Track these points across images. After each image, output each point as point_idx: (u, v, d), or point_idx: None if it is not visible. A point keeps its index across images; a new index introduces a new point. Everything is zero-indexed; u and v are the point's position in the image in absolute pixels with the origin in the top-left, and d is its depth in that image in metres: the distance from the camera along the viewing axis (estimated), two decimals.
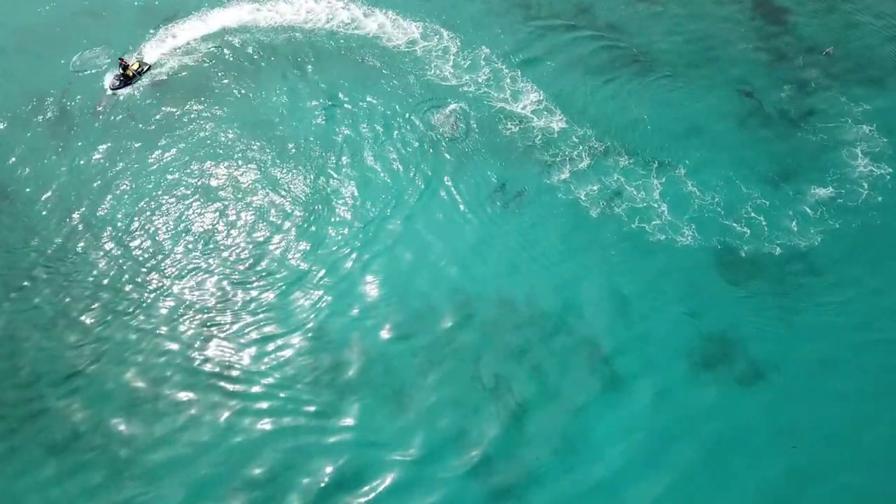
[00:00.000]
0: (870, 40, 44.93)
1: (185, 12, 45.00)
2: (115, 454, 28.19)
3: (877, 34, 45.09)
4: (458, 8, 45.66)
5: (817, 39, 44.67)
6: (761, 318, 32.46)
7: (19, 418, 28.96)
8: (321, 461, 28.28)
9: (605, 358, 31.12)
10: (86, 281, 32.68)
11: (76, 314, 31.65)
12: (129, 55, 41.56)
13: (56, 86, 40.41)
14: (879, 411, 30.00)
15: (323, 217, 35.32)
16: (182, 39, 43.46)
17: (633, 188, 36.51)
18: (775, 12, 46.49)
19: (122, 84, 40.16)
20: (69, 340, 30.86)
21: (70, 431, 28.61)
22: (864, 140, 38.93)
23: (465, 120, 39.41)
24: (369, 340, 31.47)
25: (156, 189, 36.20)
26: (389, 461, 28.27)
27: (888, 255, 34.67)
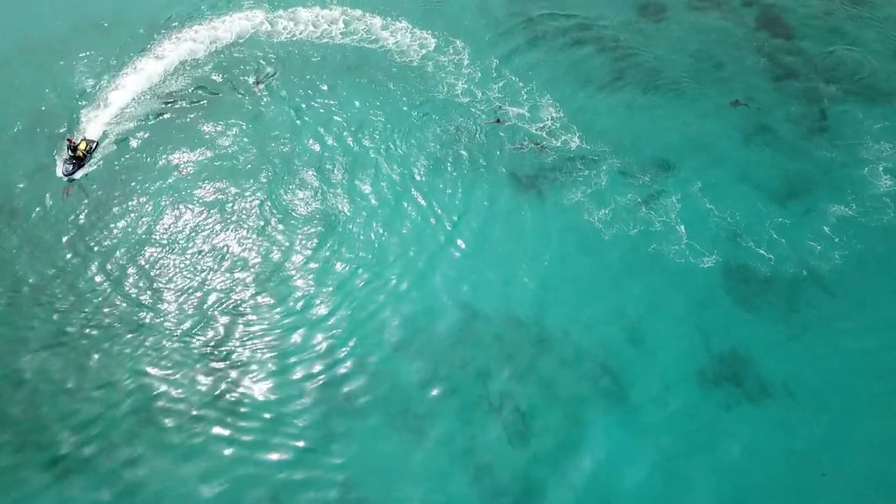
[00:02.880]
0: (877, 57, 43.62)
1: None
2: (123, 478, 27.48)
3: (883, 51, 43.81)
4: (464, 26, 44.68)
5: (823, 58, 43.48)
6: (773, 338, 31.23)
7: (22, 434, 28.35)
8: (324, 488, 27.38)
9: (615, 376, 29.98)
10: (91, 304, 31.94)
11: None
12: (74, 136, 37.82)
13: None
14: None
15: (327, 242, 34.22)
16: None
17: (646, 204, 35.42)
18: (780, 29, 45.41)
19: (76, 167, 36.35)
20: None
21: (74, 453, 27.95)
22: (886, 158, 37.55)
23: (476, 135, 38.40)
24: (375, 359, 30.48)
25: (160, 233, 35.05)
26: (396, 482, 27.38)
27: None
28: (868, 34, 45.08)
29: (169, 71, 41.54)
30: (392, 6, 45.65)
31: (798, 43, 44.52)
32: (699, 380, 30.01)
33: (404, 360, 30.37)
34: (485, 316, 31.67)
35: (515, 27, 44.91)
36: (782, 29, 45.52)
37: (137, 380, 29.72)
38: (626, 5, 46.73)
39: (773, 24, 45.85)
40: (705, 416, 29.19)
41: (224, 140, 38.14)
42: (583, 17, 45.78)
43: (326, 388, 29.56)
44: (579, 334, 31.10)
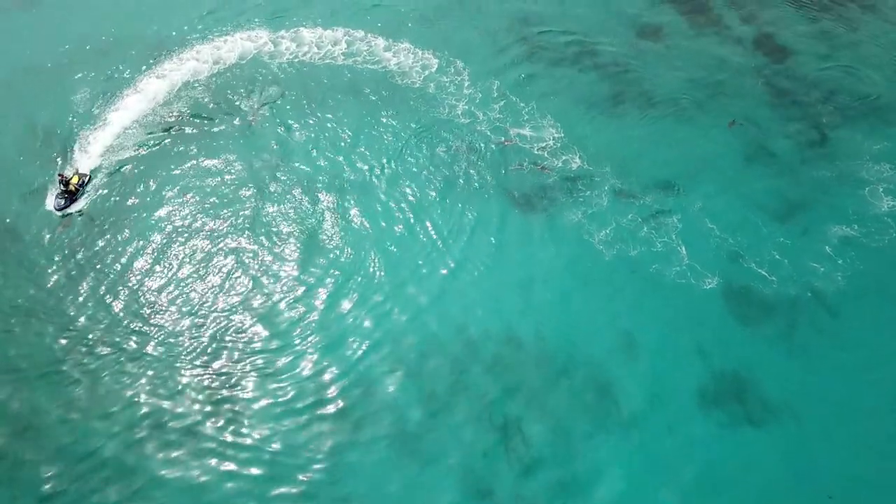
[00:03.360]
0: (874, 78, 43.83)
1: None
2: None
3: (879, 77, 43.90)
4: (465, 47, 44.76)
5: (820, 77, 43.62)
6: (775, 359, 30.92)
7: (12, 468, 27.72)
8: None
9: (616, 398, 29.62)
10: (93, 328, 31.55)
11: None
12: (66, 170, 36.91)
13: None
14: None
15: (325, 267, 33.71)
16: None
17: (647, 225, 35.21)
18: (777, 51, 45.60)
19: (69, 201, 35.31)
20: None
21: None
22: (886, 179, 37.50)
23: (476, 156, 38.27)
24: (377, 383, 29.99)
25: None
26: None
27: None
28: (865, 56, 45.28)
29: (170, 92, 41.25)
30: (394, 27, 45.83)
31: (795, 64, 44.67)
32: (701, 401, 29.62)
33: (403, 383, 29.94)
34: (484, 337, 31.31)
35: (515, 48, 45.04)
36: (779, 51, 45.69)
37: (135, 411, 29.02)
38: (625, 27, 46.95)
39: (770, 46, 46.05)
40: (708, 437, 28.78)
41: (220, 167, 37.55)
42: (581, 38, 45.92)
43: (328, 417, 29.01)
44: (580, 355, 30.73)
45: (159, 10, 47.11)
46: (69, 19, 46.27)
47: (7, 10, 47.21)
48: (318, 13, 46.99)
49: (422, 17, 47.24)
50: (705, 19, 47.99)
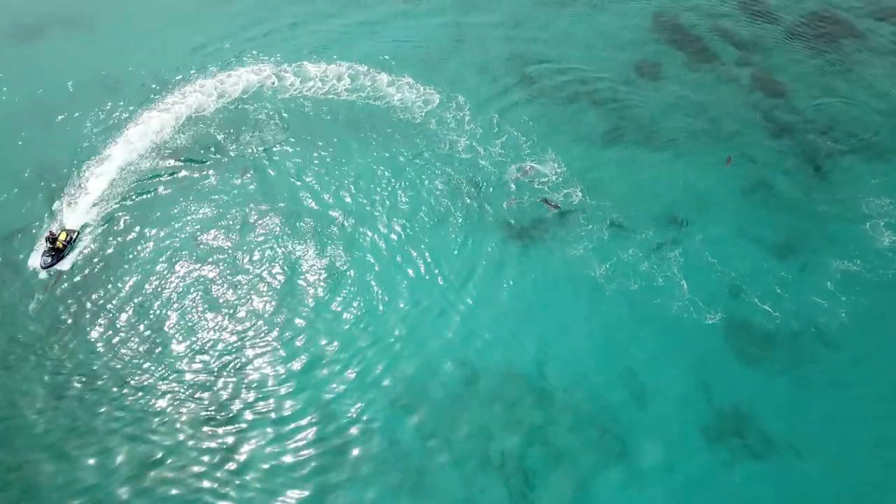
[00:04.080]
0: (870, 113, 43.96)
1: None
2: None
3: (874, 112, 44.01)
4: (466, 82, 44.99)
5: (817, 112, 43.74)
6: (778, 395, 30.39)
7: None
8: None
9: (617, 434, 28.99)
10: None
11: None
12: (52, 227, 35.36)
13: None
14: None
15: (325, 302, 33.18)
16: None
17: (647, 259, 34.86)
18: (774, 87, 45.78)
19: (55, 258, 33.75)
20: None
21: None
22: (886, 214, 37.32)
23: (479, 191, 38.06)
24: (376, 420, 29.34)
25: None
26: None
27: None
28: (860, 91, 45.53)
29: (172, 129, 41.03)
30: (397, 62, 46.08)
31: (792, 100, 44.80)
32: (703, 437, 28.99)
33: (404, 419, 29.29)
34: (485, 373, 30.74)
35: (516, 84, 45.23)
36: (775, 87, 45.87)
37: (135, 446, 28.32)
38: (623, 65, 47.17)
39: (766, 82, 46.25)
40: (710, 474, 28.12)
41: (213, 214, 36.77)
42: (581, 75, 46.13)
43: (329, 453, 28.35)
44: (581, 391, 30.14)
45: (163, 44, 47.51)
46: (72, 54, 46.42)
47: (11, 45, 47.44)
48: (323, 47, 47.53)
49: (425, 51, 47.63)
50: (702, 57, 48.26)
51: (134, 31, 48.94)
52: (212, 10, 51.36)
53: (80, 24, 49.22)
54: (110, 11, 50.73)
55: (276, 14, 50.99)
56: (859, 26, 51.53)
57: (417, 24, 50.52)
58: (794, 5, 53.77)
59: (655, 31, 50.69)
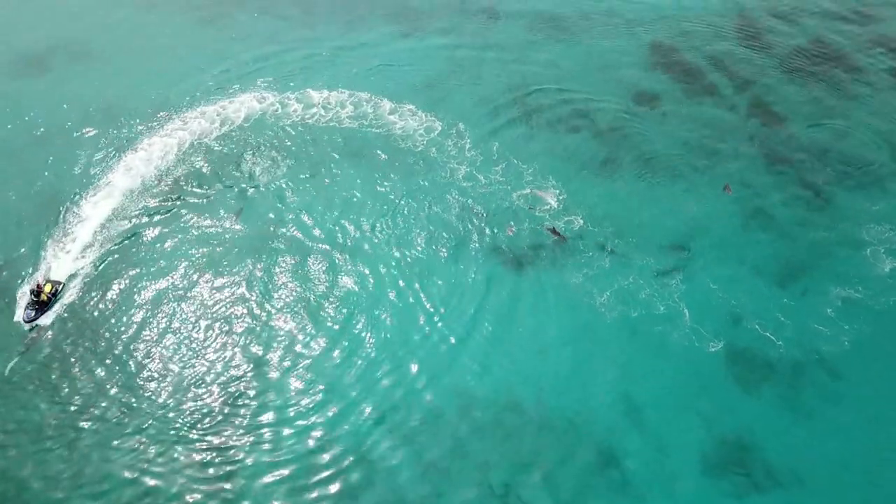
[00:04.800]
0: (867, 140, 43.71)
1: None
2: None
3: (870, 141, 43.70)
4: (467, 110, 44.86)
5: (814, 141, 43.47)
6: (779, 422, 29.58)
7: None
8: None
9: (618, 464, 28.12)
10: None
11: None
12: (38, 278, 33.56)
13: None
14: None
15: (322, 335, 32.38)
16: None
17: (648, 287, 34.23)
18: (771, 116, 45.60)
19: (39, 312, 31.97)
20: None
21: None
22: (886, 240, 36.81)
23: (479, 219, 37.59)
24: (375, 452, 28.42)
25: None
26: None
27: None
28: (855, 119, 45.33)
29: (175, 156, 40.66)
30: (397, 89, 46.07)
31: (789, 129, 44.55)
32: (705, 468, 28.10)
33: (402, 452, 28.38)
34: (485, 402, 29.93)
35: (515, 113, 45.11)
36: (773, 116, 45.66)
37: (133, 483, 27.32)
38: (622, 94, 47.08)
39: (763, 111, 46.06)
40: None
41: (213, 246, 35.97)
42: (581, 104, 46.01)
43: (327, 488, 27.39)
44: (582, 420, 29.30)
45: (165, 71, 47.47)
46: (78, 86, 46.21)
47: (14, 76, 47.32)
48: (326, 74, 47.56)
49: (425, 79, 47.64)
50: (700, 86, 48.19)
51: (135, 59, 49.04)
52: (213, 38, 51.65)
53: (82, 55, 49.29)
54: (112, 41, 50.95)
55: (278, 41, 51.27)
56: (854, 56, 51.55)
57: (418, 53, 50.65)
58: (789, 35, 53.93)
59: (653, 60, 50.72)
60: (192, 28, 52.71)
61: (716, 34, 53.84)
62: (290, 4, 55.98)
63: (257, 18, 53.96)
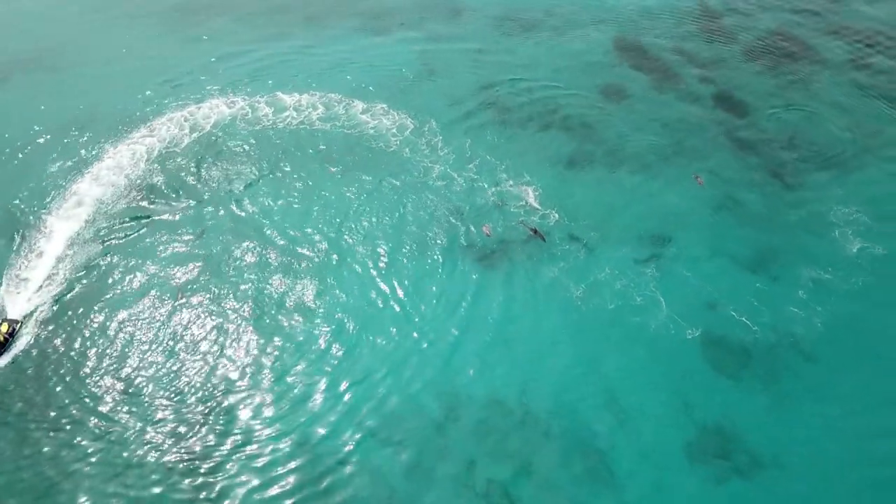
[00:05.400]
0: (830, 127, 43.93)
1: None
2: None
3: (833, 126, 44.01)
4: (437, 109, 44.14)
5: (778, 130, 43.58)
6: (758, 408, 29.33)
7: None
8: None
9: (601, 456, 27.64)
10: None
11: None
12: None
13: None
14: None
15: (298, 343, 31.34)
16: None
17: (624, 277, 33.84)
18: (736, 106, 45.63)
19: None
20: None
21: None
22: (853, 222, 36.93)
23: (454, 216, 36.87)
24: (357, 451, 27.65)
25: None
26: None
27: (886, 337, 32.02)
28: (818, 106, 45.55)
29: (142, 165, 38.99)
30: (368, 90, 45.24)
31: (754, 118, 44.58)
32: (688, 456, 27.74)
33: (385, 452, 27.63)
34: (466, 401, 29.25)
35: (485, 109, 44.51)
36: (738, 106, 45.68)
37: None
38: (590, 88, 46.75)
39: (729, 101, 46.06)
40: (696, 493, 26.83)
41: (181, 259, 34.45)
42: (548, 99, 45.61)
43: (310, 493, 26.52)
44: (563, 414, 28.79)
45: (130, 79, 46.04)
46: (42, 98, 44.49)
47: None
48: (296, 76, 46.56)
49: (396, 78, 46.91)
50: (665, 78, 48.10)
51: (100, 68, 47.55)
52: (179, 44, 50.33)
53: (44, 66, 47.63)
54: (76, 51, 49.30)
55: (245, 45, 50.12)
56: (813, 43, 51.97)
57: (386, 51, 49.89)
58: (751, 26, 54.19)
59: (618, 54, 50.51)
60: (157, 35, 51.33)
61: (679, 27, 53.93)
62: (256, 9, 54.88)
63: (223, 23, 52.76)
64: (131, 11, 53.77)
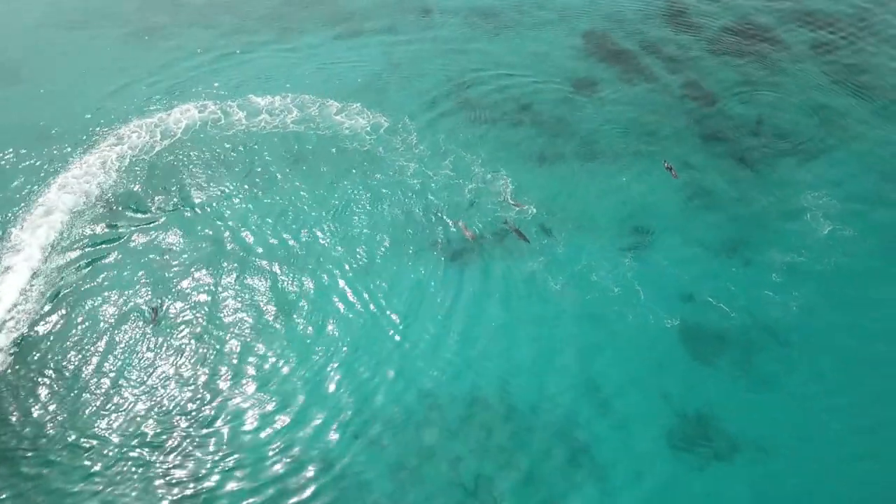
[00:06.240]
0: (795, 114, 43.82)
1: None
2: None
3: (798, 112, 43.94)
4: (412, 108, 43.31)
5: (745, 118, 43.38)
6: (735, 392, 29.06)
7: None
8: None
9: (584, 447, 27.15)
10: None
11: None
12: None
13: None
14: (868, 478, 26.61)
15: (272, 349, 30.22)
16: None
17: (601, 269, 33.33)
18: (704, 96, 45.37)
19: None
20: None
21: None
22: (823, 205, 36.77)
23: (430, 215, 36.05)
24: (342, 455, 26.86)
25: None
26: None
27: (860, 316, 31.97)
28: (783, 94, 45.33)
29: (109, 178, 37.21)
30: (341, 89, 44.25)
31: (722, 106, 44.33)
32: (669, 444, 27.36)
33: (369, 456, 26.87)
34: (449, 400, 28.57)
35: (457, 106, 43.60)
36: (706, 95, 45.36)
37: None
38: (560, 82, 46.15)
39: (697, 91, 45.68)
40: (679, 480, 26.50)
41: (154, 272, 32.82)
42: (519, 94, 44.90)
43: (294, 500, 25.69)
44: (545, 407, 28.25)
45: (100, 88, 44.30)
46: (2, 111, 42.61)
47: None
48: (268, 77, 45.46)
49: (370, 77, 45.94)
50: (634, 71, 47.68)
51: (64, 78, 45.67)
52: (145, 51, 48.55)
53: (4, 78, 45.79)
54: (39, 62, 47.33)
55: (214, 49, 48.57)
56: (778, 31, 51.87)
57: (358, 52, 48.86)
58: (716, 15, 53.91)
59: (588, 48, 49.98)
60: (122, 43, 49.54)
61: (646, 19, 53.50)
62: (224, 12, 53.27)
63: (190, 29, 51.06)
64: (92, 21, 51.78)
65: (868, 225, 35.88)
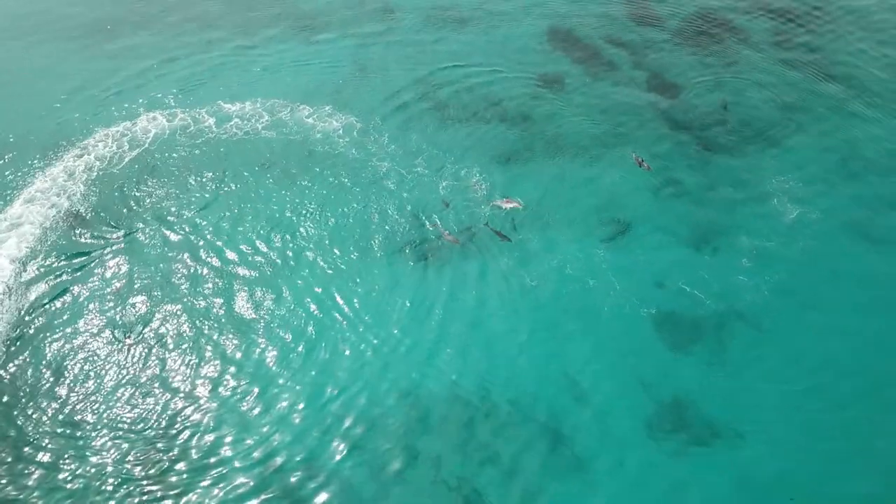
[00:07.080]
0: (757, 102, 43.90)
1: None
2: None
3: (760, 100, 44.05)
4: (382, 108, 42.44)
5: (708, 108, 43.35)
6: (711, 378, 28.90)
7: None
8: None
9: (566, 441, 26.75)
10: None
11: None
12: None
13: None
14: (845, 460, 26.67)
15: (248, 355, 29.33)
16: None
17: (576, 262, 32.94)
18: (668, 88, 45.22)
19: None
20: None
21: None
22: (788, 190, 36.81)
23: (405, 215, 35.26)
24: (324, 461, 26.12)
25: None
26: None
27: (830, 295, 32.14)
28: (744, 83, 45.42)
29: (74, 192, 35.63)
30: (311, 93, 43.16)
31: (686, 97, 44.17)
32: (649, 432, 27.12)
33: (352, 460, 26.18)
34: (429, 400, 27.96)
35: (426, 105, 42.85)
36: (670, 87, 45.22)
37: None
38: (527, 79, 45.54)
39: (661, 84, 45.49)
40: (660, 466, 26.30)
41: (125, 289, 31.46)
42: (487, 92, 44.20)
43: None
44: (526, 403, 27.77)
45: (60, 98, 42.24)
46: None
47: None
48: (235, 84, 44.08)
49: (339, 79, 44.89)
50: (599, 65, 47.30)
51: (20, 90, 43.57)
52: (105, 60, 46.49)
53: None
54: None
55: (177, 55, 46.77)
56: (738, 22, 51.93)
57: (325, 54, 47.66)
58: (678, 7, 53.85)
59: (552, 44, 49.43)
60: (80, 51, 47.45)
61: (608, 14, 53.05)
62: (183, 17, 51.49)
63: (148, 38, 49.07)
64: (51, 33, 49.30)
65: (832, 206, 36.07)
